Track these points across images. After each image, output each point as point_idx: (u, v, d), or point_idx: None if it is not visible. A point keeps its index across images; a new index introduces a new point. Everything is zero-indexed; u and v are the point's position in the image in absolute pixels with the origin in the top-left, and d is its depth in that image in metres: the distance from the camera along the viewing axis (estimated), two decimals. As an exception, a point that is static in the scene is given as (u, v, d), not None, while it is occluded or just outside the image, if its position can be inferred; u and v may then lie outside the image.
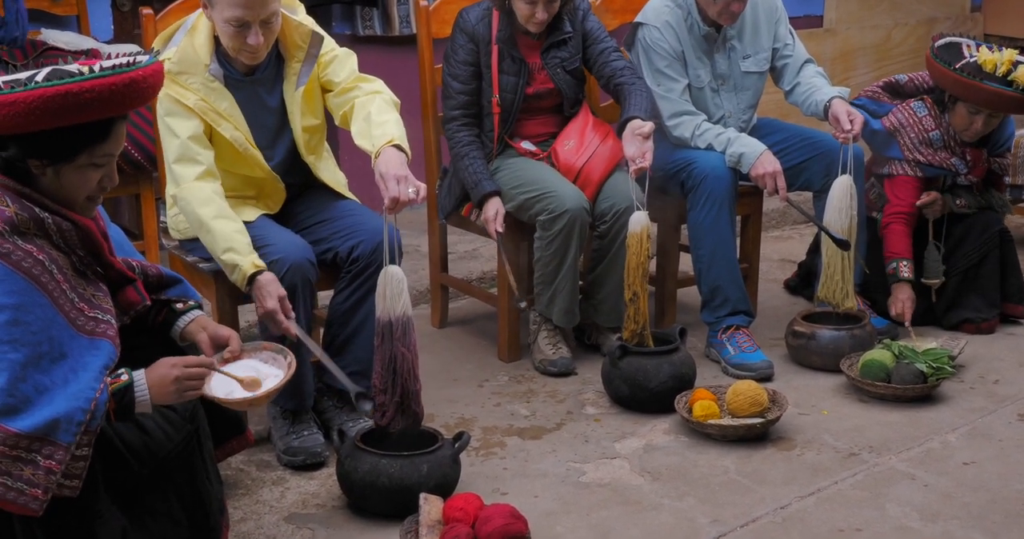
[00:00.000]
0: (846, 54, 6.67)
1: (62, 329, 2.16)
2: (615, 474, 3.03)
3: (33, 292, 2.12)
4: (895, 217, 3.97)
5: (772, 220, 5.45)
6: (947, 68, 3.73)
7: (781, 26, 3.92)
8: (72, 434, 2.11)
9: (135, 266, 2.47)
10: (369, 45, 4.95)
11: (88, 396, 2.13)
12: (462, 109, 3.65)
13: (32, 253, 2.13)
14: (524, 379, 3.68)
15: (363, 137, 2.95)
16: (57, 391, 2.11)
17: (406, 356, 2.79)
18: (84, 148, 2.18)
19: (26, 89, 2.05)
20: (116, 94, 2.12)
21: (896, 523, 2.77)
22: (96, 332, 2.23)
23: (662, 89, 3.73)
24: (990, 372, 3.70)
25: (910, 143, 3.94)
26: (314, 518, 2.81)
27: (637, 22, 3.80)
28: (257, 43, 2.91)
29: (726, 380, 3.60)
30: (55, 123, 2.09)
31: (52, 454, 2.09)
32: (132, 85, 2.14)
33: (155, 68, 2.22)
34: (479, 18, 3.61)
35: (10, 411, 2.05)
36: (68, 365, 2.15)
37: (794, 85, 3.91)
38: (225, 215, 2.91)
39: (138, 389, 2.25)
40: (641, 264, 3.38)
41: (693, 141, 3.73)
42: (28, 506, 2.08)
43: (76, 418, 2.11)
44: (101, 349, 2.21)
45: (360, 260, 3.02)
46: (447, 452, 2.82)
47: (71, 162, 2.18)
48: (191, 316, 2.54)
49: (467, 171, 3.60)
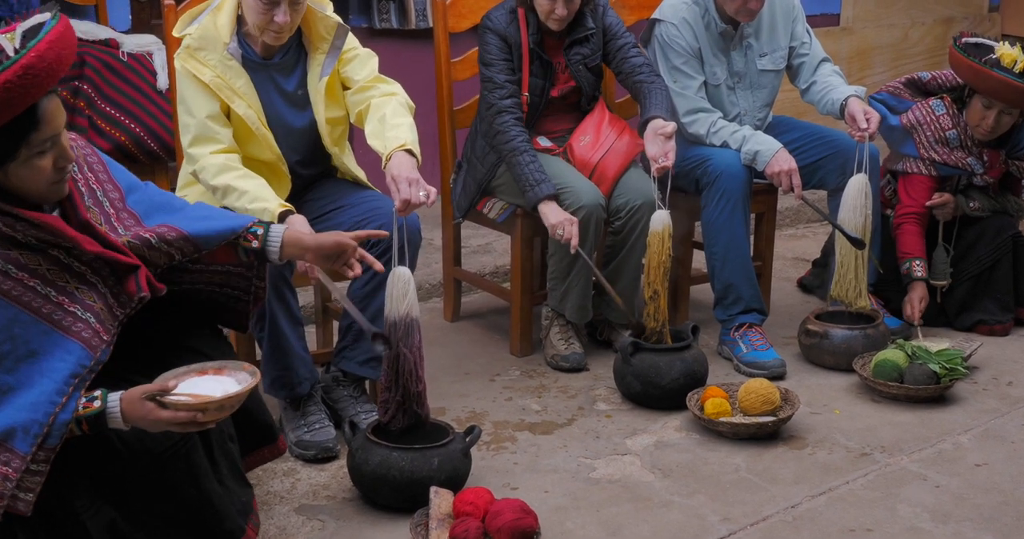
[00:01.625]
0: (863, 53, 6.65)
1: (28, 326, 2.11)
2: (626, 470, 3.03)
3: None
4: (907, 217, 3.96)
5: (786, 218, 5.44)
6: (962, 54, 3.73)
7: (798, 24, 3.91)
8: (28, 445, 2.07)
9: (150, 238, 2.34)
10: (385, 38, 4.96)
11: (47, 410, 2.08)
12: (513, 98, 3.58)
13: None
14: (536, 374, 3.68)
15: (376, 138, 2.98)
16: (22, 393, 2.08)
17: (408, 358, 2.79)
18: (20, 142, 2.08)
19: None
20: (27, 80, 2.00)
21: (907, 524, 2.76)
22: (72, 330, 2.17)
23: (678, 86, 3.73)
24: (1003, 374, 3.69)
25: (926, 141, 3.93)
26: (324, 510, 2.81)
27: (654, 18, 3.79)
28: (284, 21, 2.93)
29: (738, 378, 3.59)
30: None
31: (9, 461, 2.07)
32: (26, 74, 2.00)
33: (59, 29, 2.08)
34: (508, 21, 3.57)
35: None
36: (39, 365, 2.11)
37: (810, 84, 3.90)
38: (249, 175, 2.94)
39: (111, 416, 2.16)
40: (662, 263, 3.38)
41: (708, 138, 3.73)
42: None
43: (32, 430, 2.07)
44: (72, 354, 2.15)
45: (379, 245, 3.03)
46: (458, 446, 2.83)
47: (14, 159, 2.09)
48: (276, 237, 2.46)
49: (526, 168, 3.49)
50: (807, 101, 3.96)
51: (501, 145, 3.56)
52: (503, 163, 3.61)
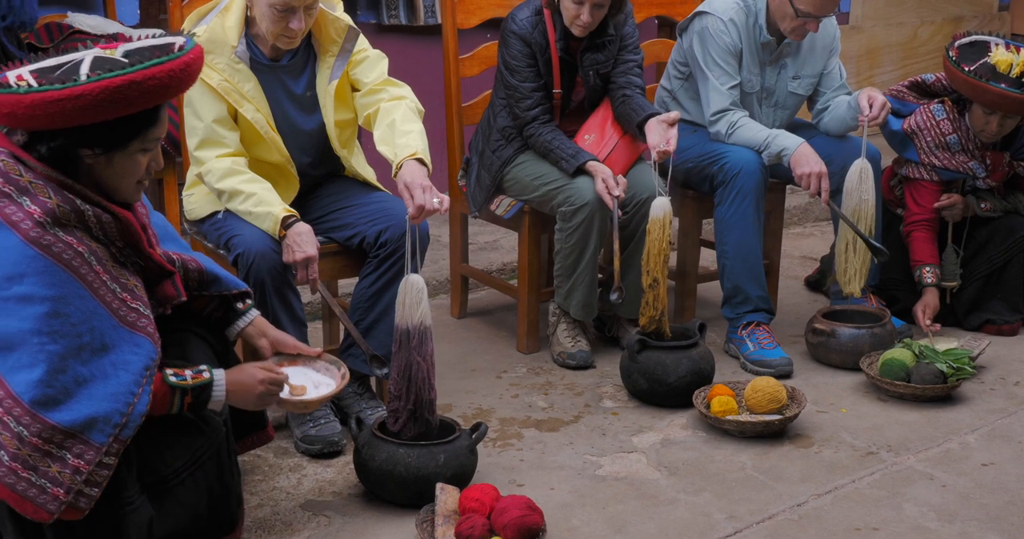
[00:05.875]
0: (872, 51, 6.64)
1: (104, 320, 2.18)
2: (632, 468, 3.03)
3: (73, 283, 2.14)
4: (916, 225, 3.96)
5: (794, 217, 5.43)
6: (957, 69, 3.70)
7: (834, 57, 3.91)
8: (106, 435, 2.12)
9: (175, 259, 2.48)
10: (393, 34, 4.95)
11: (127, 400, 2.16)
12: (540, 106, 3.58)
13: (72, 244, 2.15)
14: (542, 371, 3.68)
15: (385, 144, 2.99)
16: (97, 385, 2.13)
17: (421, 365, 2.80)
18: (137, 135, 2.19)
19: (90, 81, 2.05)
20: (174, 79, 2.14)
21: (913, 523, 2.76)
22: (137, 325, 2.24)
23: (716, 79, 3.70)
24: (1011, 374, 3.68)
25: (926, 146, 3.91)
26: (330, 505, 2.82)
27: (700, 11, 3.76)
28: (299, 28, 2.94)
29: (745, 376, 3.59)
30: (117, 113, 2.10)
31: (83, 454, 2.10)
32: (187, 69, 2.17)
33: (199, 50, 2.24)
34: (533, 24, 3.54)
35: (48, 402, 2.07)
36: (110, 358, 2.17)
37: (825, 107, 3.91)
38: (255, 179, 2.97)
39: (216, 389, 2.33)
40: (662, 250, 3.36)
41: (727, 137, 3.71)
42: (45, 507, 2.08)
43: (113, 420, 2.13)
44: (142, 347, 2.23)
45: (388, 244, 3.03)
46: (464, 442, 2.83)
47: (124, 149, 2.19)
48: (251, 317, 2.61)
49: (561, 143, 3.52)
50: (815, 122, 3.95)
51: (537, 149, 3.59)
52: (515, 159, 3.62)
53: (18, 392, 2.06)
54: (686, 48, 3.81)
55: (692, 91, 3.89)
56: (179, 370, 2.30)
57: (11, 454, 2.07)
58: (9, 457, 2.07)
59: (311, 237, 2.89)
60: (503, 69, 3.61)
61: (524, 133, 3.60)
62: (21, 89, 2.06)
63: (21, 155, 2.15)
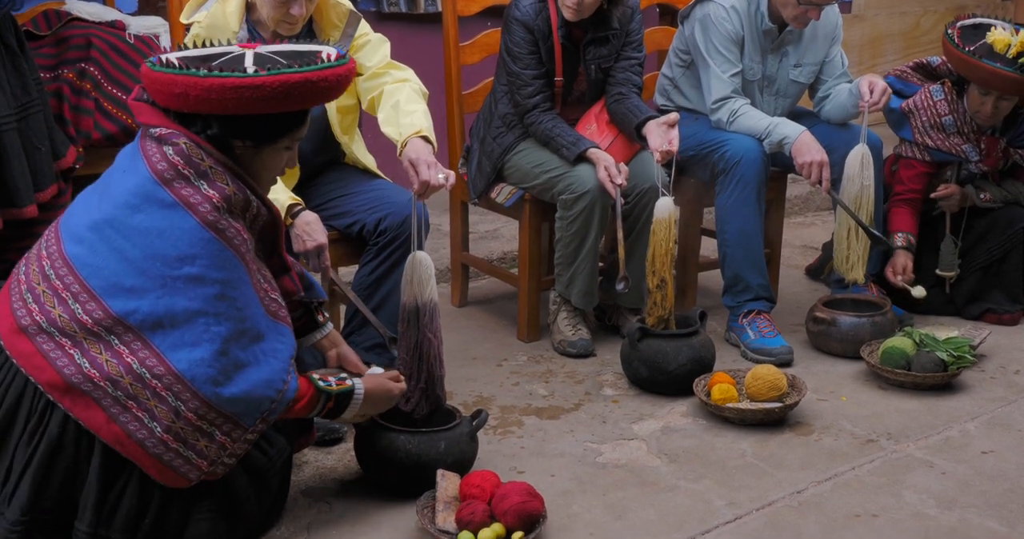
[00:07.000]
0: (874, 40, 6.63)
1: (256, 308, 2.24)
2: (632, 455, 3.03)
3: (240, 269, 2.20)
4: (899, 201, 3.97)
5: (795, 206, 5.43)
6: (953, 45, 3.69)
7: (835, 45, 3.91)
8: (254, 419, 2.21)
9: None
10: (394, 22, 4.95)
11: (277, 387, 2.23)
12: (540, 94, 3.57)
13: (240, 232, 2.21)
14: (543, 359, 3.68)
15: (390, 125, 2.98)
16: (252, 370, 2.20)
17: (432, 342, 2.81)
18: (287, 132, 2.26)
19: (270, 74, 2.11)
20: (340, 83, 2.23)
21: (913, 510, 2.76)
22: (279, 315, 2.31)
23: (717, 67, 3.69)
24: (1011, 362, 3.68)
25: (921, 126, 3.91)
26: (331, 492, 2.82)
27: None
28: (300, 14, 2.94)
29: (745, 364, 3.59)
30: (285, 107, 2.17)
31: (230, 432, 2.19)
32: (349, 75, 2.25)
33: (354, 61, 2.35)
34: (536, 11, 3.53)
35: (210, 382, 2.14)
36: (261, 347, 2.23)
37: (826, 95, 3.90)
38: None
39: (356, 396, 2.43)
40: (669, 251, 3.37)
41: (728, 124, 3.70)
42: (187, 476, 2.18)
43: (263, 406, 2.21)
44: (286, 337, 2.30)
45: (387, 232, 3.03)
46: (465, 429, 2.83)
47: (273, 144, 2.26)
48: (328, 329, 2.68)
49: (562, 130, 3.51)
50: (816, 110, 3.94)
51: (538, 137, 3.58)
52: (516, 146, 3.61)
53: (180, 369, 2.12)
54: (688, 36, 3.81)
55: (694, 79, 3.88)
56: (324, 376, 2.38)
57: (164, 426, 2.14)
58: (163, 429, 2.14)
59: (319, 225, 2.90)
60: (505, 56, 3.60)
61: (525, 120, 3.59)
62: (200, 72, 2.09)
63: (199, 141, 2.19)
